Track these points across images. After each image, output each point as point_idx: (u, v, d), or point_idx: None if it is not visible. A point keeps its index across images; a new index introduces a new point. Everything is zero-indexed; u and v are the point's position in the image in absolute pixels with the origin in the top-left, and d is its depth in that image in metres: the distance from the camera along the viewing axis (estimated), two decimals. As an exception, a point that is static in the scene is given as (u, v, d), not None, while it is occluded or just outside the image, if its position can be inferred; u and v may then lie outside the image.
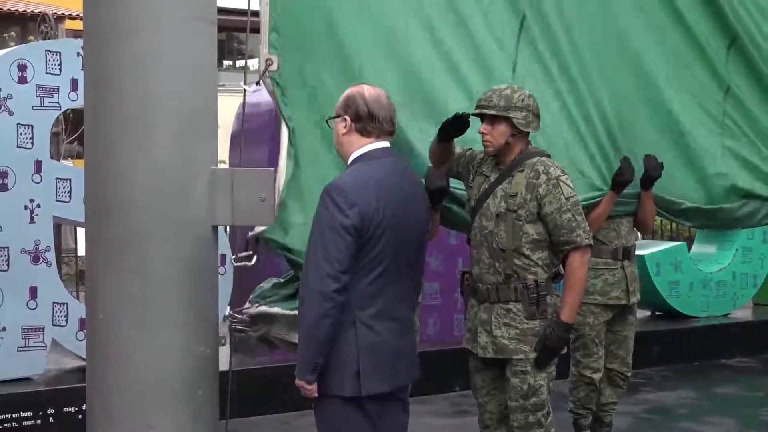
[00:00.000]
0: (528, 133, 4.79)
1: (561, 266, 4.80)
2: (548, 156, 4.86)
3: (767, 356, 8.75)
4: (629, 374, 6.23)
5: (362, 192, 3.82)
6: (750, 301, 10.77)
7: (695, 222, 6.46)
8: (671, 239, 11.37)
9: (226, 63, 22.89)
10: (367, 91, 4.01)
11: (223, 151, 5.52)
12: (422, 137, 4.99)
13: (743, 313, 10.63)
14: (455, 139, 4.83)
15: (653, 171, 5.79)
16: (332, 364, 3.83)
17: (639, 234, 6.27)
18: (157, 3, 3.92)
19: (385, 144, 4.01)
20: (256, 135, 7.70)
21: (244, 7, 4.55)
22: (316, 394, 3.86)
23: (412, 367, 4.09)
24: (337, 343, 3.82)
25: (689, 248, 10.56)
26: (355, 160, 3.97)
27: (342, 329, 3.81)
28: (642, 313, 8.67)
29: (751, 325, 10.31)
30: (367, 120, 3.96)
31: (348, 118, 3.97)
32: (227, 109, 4.88)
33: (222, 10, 4.18)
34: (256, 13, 4.55)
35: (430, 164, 4.91)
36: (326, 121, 4.10)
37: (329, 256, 3.73)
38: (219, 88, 4.26)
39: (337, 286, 3.73)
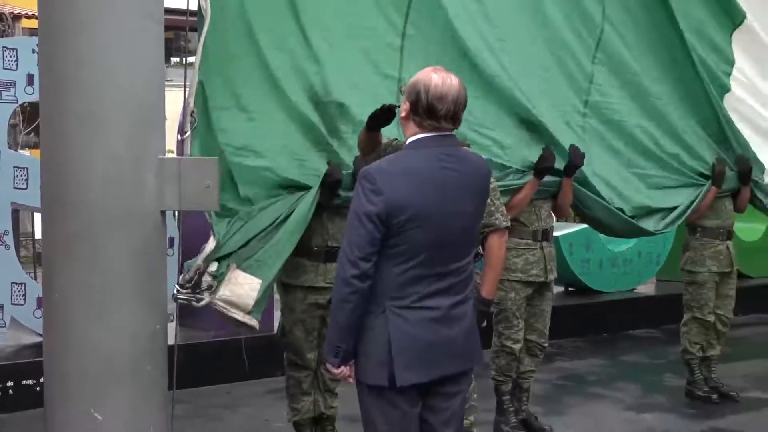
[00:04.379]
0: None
1: (481, 247, 4.81)
2: (468, 146, 4.87)
3: (669, 327, 8.86)
4: (546, 345, 6.27)
5: (392, 180, 3.49)
6: (654, 277, 10.91)
7: (606, 228, 6.54)
8: (583, 222, 11.48)
9: (174, 60, 22.58)
10: (435, 82, 3.55)
11: (171, 141, 5.46)
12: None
13: (647, 288, 10.79)
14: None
15: (577, 160, 5.90)
16: (361, 351, 3.58)
17: (554, 217, 6.32)
18: (109, 2, 3.84)
19: (442, 132, 3.60)
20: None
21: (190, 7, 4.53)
22: (349, 380, 3.64)
23: (456, 358, 3.67)
24: (366, 330, 3.55)
25: (599, 230, 10.68)
26: (406, 146, 3.66)
27: (371, 317, 3.54)
28: (557, 289, 8.74)
29: (654, 299, 10.45)
30: (423, 115, 3.56)
31: (408, 104, 3.61)
32: (175, 102, 4.82)
33: (169, 11, 4.12)
34: (194, 13, 4.54)
35: (357, 153, 4.94)
36: (399, 90, 3.75)
37: (351, 241, 3.48)
38: (167, 83, 4.20)
39: (355, 272, 3.46)
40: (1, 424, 6.41)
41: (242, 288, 4.56)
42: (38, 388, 6.37)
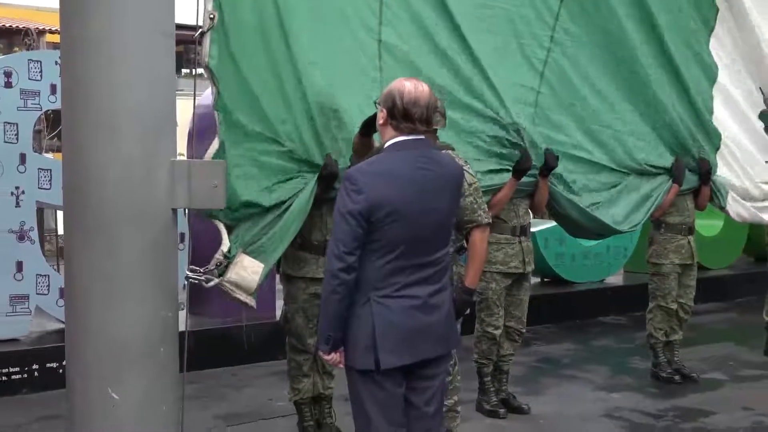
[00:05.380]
0: (436, 129, 4.79)
1: (465, 241, 4.82)
2: (453, 149, 4.88)
3: (636, 314, 8.86)
4: (524, 330, 6.27)
5: (373, 181, 3.50)
6: (621, 269, 10.91)
7: (576, 226, 6.48)
8: (556, 221, 11.48)
9: (184, 71, 22.54)
10: (408, 89, 3.61)
11: (182, 145, 5.47)
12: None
13: (616, 279, 10.78)
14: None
15: (551, 161, 5.89)
16: (349, 339, 3.59)
17: (531, 214, 6.32)
18: (124, 19, 3.84)
19: (418, 136, 3.64)
20: (210, 132, 7.60)
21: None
22: (340, 365, 3.66)
23: (435, 343, 3.67)
24: (353, 319, 3.56)
25: (572, 226, 10.68)
26: (385, 149, 3.67)
27: (356, 307, 3.55)
28: (534, 280, 8.74)
29: (622, 289, 10.45)
30: (400, 119, 3.60)
31: (385, 111, 3.65)
32: (185, 110, 4.81)
33: (180, 26, 4.11)
34: None
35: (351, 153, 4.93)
36: (374, 103, 3.79)
37: (336, 238, 3.50)
38: (178, 92, 4.19)
39: (341, 265, 3.47)
40: (28, 403, 6.42)
41: (246, 271, 4.59)
42: (61, 371, 6.34)
